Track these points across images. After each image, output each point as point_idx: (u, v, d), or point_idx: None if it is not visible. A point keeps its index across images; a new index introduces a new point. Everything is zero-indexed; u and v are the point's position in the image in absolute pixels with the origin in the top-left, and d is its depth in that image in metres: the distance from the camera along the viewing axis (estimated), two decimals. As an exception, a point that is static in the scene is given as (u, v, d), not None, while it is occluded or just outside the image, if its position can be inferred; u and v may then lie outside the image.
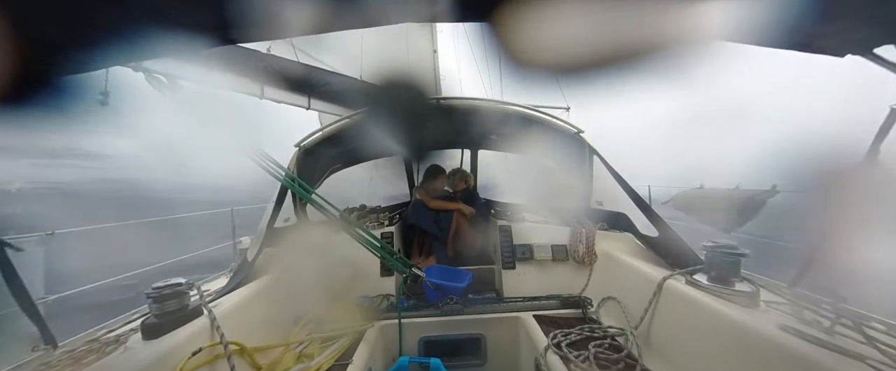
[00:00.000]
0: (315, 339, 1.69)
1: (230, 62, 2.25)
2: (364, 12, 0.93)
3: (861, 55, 1.02)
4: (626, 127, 8.98)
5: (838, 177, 1.08)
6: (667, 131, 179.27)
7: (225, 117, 1.63)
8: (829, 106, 4.97)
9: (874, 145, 1.11)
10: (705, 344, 1.27)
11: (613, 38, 0.77)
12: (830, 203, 1.07)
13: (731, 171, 1.85)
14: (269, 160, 1.74)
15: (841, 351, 0.91)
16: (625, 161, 2.35)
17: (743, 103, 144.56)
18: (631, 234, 2.11)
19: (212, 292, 1.68)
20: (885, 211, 0.98)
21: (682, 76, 0.78)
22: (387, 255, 1.96)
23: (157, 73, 1.45)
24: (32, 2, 0.61)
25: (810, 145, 1.16)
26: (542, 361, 1.49)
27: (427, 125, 2.44)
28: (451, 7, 0.92)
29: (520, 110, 2.55)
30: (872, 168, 1.10)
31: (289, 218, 2.35)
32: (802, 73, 1.66)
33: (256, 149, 1.69)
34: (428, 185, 3.19)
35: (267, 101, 2.63)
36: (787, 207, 1.58)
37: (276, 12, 0.81)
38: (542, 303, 2.01)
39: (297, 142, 2.55)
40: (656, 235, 1.90)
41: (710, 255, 1.44)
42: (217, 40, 0.93)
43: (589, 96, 0.89)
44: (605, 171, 2.30)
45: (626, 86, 0.83)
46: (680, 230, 1.83)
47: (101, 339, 1.20)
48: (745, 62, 1.05)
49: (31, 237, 2.51)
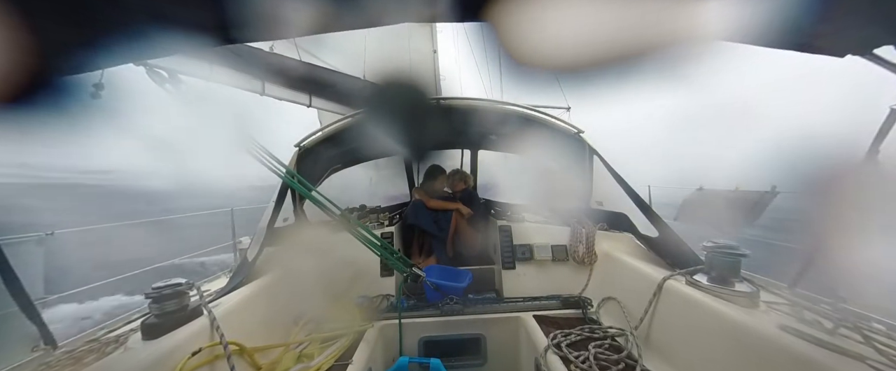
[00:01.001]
0: (315, 339, 1.69)
1: (232, 59, 2.25)
2: (364, 12, 0.93)
3: (861, 55, 1.02)
4: (627, 127, 9.01)
5: (838, 177, 1.08)
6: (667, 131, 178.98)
7: (225, 113, 1.63)
8: (829, 106, 4.97)
9: (874, 145, 1.11)
10: (705, 344, 1.27)
11: (614, 37, 0.77)
12: (830, 203, 1.07)
13: (731, 172, 1.85)
14: (269, 156, 1.74)
15: (841, 351, 0.91)
16: (625, 161, 2.35)
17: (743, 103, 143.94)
18: (631, 235, 2.11)
19: (212, 292, 1.68)
20: (884, 211, 0.98)
21: (682, 76, 0.78)
22: (387, 255, 1.96)
23: (158, 68, 1.45)
24: (33, 1, 0.61)
25: (810, 145, 1.16)
26: (542, 362, 1.49)
27: (427, 125, 2.44)
28: (451, 7, 0.92)
29: (520, 110, 2.55)
30: (872, 168, 1.10)
31: (288, 218, 2.35)
32: (802, 73, 1.66)
33: (256, 144, 1.69)
34: (427, 186, 3.20)
35: (267, 99, 2.64)
36: (787, 207, 1.58)
37: (276, 12, 0.81)
38: (542, 303, 2.01)
39: (297, 142, 2.55)
40: (656, 236, 1.90)
41: (710, 255, 1.44)
42: (218, 40, 0.93)
43: (589, 96, 0.89)
44: (605, 172, 2.30)
45: (626, 85, 0.82)
46: (680, 230, 1.83)
47: (101, 339, 1.20)
48: (745, 62, 1.05)
49: (30, 237, 2.52)
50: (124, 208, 31.52)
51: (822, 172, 1.08)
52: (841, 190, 1.06)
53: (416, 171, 3.93)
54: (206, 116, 1.58)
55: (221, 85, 1.99)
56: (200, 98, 1.62)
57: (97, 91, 0.96)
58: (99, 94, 0.96)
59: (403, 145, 1.66)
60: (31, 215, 31.12)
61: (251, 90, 2.53)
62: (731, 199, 2.04)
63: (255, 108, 2.50)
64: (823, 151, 1.09)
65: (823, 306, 1.15)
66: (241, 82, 2.48)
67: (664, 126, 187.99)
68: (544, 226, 2.46)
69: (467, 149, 3.82)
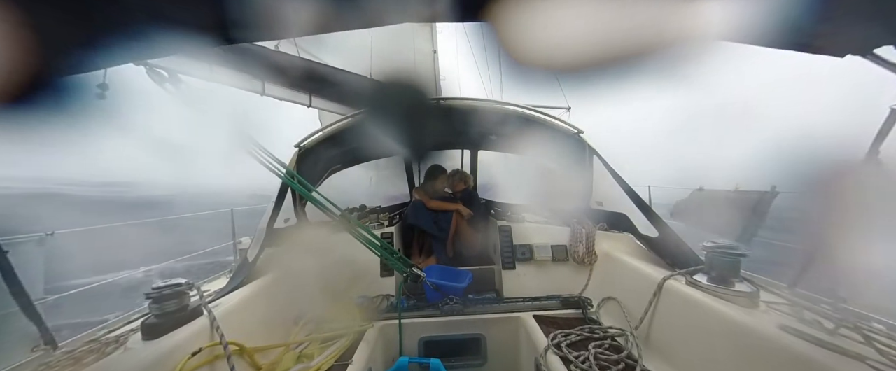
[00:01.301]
0: (315, 339, 1.69)
1: (232, 58, 2.25)
2: (364, 12, 0.93)
3: (861, 55, 1.02)
4: (627, 128, 9.02)
5: (837, 177, 1.08)
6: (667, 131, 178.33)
7: (225, 112, 1.63)
8: (829, 106, 4.97)
9: (874, 145, 1.11)
10: (705, 344, 1.27)
11: (614, 37, 0.77)
12: (830, 203, 1.07)
13: (732, 172, 1.85)
14: (269, 156, 1.74)
15: (841, 351, 0.91)
16: (625, 160, 2.35)
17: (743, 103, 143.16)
18: (631, 235, 2.11)
19: (212, 292, 1.68)
20: (884, 211, 0.98)
21: (682, 76, 0.78)
22: (387, 255, 1.96)
23: (158, 67, 1.45)
24: (33, 1, 0.61)
25: (810, 145, 1.16)
26: (542, 362, 1.49)
27: (427, 125, 2.44)
28: (451, 7, 0.92)
29: (520, 110, 2.55)
30: (872, 168, 1.10)
31: (289, 218, 2.35)
32: (802, 73, 1.66)
33: (256, 144, 1.69)
34: (428, 186, 3.20)
35: (267, 98, 2.64)
36: (786, 207, 1.58)
37: (276, 12, 0.81)
38: (542, 303, 2.01)
39: (297, 142, 2.55)
40: (656, 236, 1.90)
41: (710, 255, 1.44)
42: (218, 40, 0.93)
43: (589, 96, 0.89)
44: (605, 172, 2.30)
45: (627, 85, 0.83)
46: (680, 230, 1.83)
47: (101, 339, 1.20)
48: (745, 62, 1.05)
49: (30, 237, 2.51)
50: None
51: (821, 172, 1.08)
52: (841, 190, 1.06)
53: (417, 171, 3.93)
54: (206, 116, 1.58)
55: (221, 85, 1.99)
56: (200, 98, 1.62)
57: (102, 92, 0.96)
58: (104, 95, 0.96)
59: (404, 145, 1.67)
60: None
61: (251, 90, 2.53)
62: (731, 199, 2.04)
63: (255, 107, 2.50)
64: (823, 151, 1.09)
65: (823, 306, 1.15)
66: (242, 82, 2.48)
67: (663, 127, 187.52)
68: (544, 226, 2.46)
69: (467, 149, 3.82)
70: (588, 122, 2.53)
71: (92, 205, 23.81)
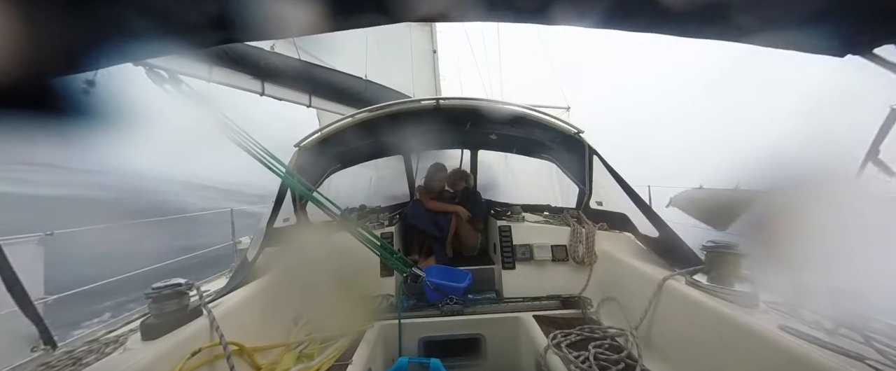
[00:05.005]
0: (315, 339, 1.69)
1: (232, 57, 2.25)
2: (364, 12, 0.93)
3: (861, 55, 1.01)
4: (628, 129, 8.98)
5: (837, 177, 1.07)
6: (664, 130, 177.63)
7: (225, 112, 1.62)
8: (828, 106, 4.95)
9: (874, 145, 1.11)
10: (705, 344, 1.27)
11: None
12: (828, 204, 1.07)
13: (732, 172, 1.85)
14: (269, 155, 1.73)
15: (841, 351, 0.91)
16: (624, 160, 2.34)
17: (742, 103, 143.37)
18: (631, 235, 2.11)
19: (211, 292, 1.68)
20: (884, 212, 0.98)
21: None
22: (387, 255, 1.96)
23: (158, 68, 1.45)
24: (32, 1, 0.61)
25: (808, 146, 1.16)
26: (542, 362, 1.49)
27: (427, 126, 2.44)
28: (452, 7, 0.92)
29: (520, 110, 2.55)
30: (871, 168, 1.10)
31: (288, 218, 2.34)
32: (802, 73, 1.66)
33: (256, 143, 1.69)
34: (428, 186, 3.20)
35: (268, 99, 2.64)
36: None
37: (274, 12, 0.81)
38: (542, 303, 2.01)
39: (297, 142, 2.55)
40: (656, 235, 1.90)
41: (710, 255, 1.44)
42: (217, 40, 0.93)
43: (589, 95, 0.89)
44: (605, 171, 2.30)
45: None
46: (680, 230, 1.82)
47: (100, 339, 1.20)
48: (745, 61, 1.05)
49: (30, 237, 2.51)
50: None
51: (821, 173, 1.08)
52: (840, 190, 1.06)
53: (417, 170, 3.93)
54: (206, 116, 1.58)
55: (222, 85, 1.99)
56: (200, 98, 1.62)
57: (89, 87, 0.94)
58: (89, 90, 0.94)
59: (404, 145, 1.66)
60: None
61: (251, 90, 2.53)
62: (731, 199, 2.04)
63: (254, 108, 2.50)
64: (823, 151, 1.09)
65: (823, 306, 1.15)
66: (241, 82, 2.48)
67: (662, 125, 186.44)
68: (544, 226, 2.46)
69: (467, 149, 3.82)
70: (588, 123, 2.51)
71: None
